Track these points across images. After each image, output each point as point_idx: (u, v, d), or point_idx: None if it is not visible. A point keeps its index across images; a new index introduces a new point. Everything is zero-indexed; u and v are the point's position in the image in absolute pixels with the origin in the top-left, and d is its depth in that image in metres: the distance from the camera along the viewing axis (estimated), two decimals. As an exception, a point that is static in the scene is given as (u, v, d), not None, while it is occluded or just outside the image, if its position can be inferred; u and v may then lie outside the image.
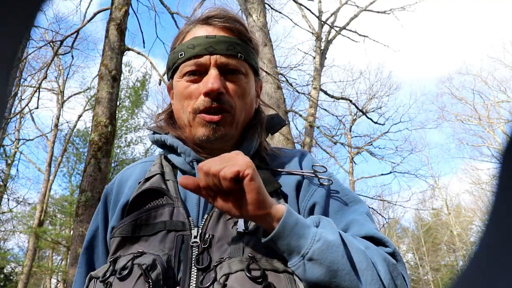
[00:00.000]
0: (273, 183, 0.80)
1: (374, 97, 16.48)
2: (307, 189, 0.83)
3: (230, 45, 0.84)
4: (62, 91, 16.27)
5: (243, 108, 0.86)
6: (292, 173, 0.85)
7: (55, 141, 15.84)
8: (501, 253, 0.13)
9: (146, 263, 0.69)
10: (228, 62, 0.83)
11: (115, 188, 0.91)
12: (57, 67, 16.20)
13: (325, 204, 0.81)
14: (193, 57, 0.84)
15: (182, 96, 0.85)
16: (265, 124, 0.92)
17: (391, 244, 0.76)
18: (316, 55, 11.87)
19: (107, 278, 0.70)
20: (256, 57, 0.92)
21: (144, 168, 0.93)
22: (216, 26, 0.86)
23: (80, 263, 0.90)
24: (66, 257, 16.69)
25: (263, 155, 0.88)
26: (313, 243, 0.65)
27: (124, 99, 16.39)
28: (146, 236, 0.76)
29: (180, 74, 0.86)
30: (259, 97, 0.97)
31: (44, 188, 15.19)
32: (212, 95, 0.81)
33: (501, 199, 0.14)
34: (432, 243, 26.13)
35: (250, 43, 0.89)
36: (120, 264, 0.71)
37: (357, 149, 15.24)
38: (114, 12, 5.12)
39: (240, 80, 0.85)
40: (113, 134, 4.76)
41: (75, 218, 4.36)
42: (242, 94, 0.85)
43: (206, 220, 0.77)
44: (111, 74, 4.81)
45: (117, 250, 0.76)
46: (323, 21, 11.49)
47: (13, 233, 17.21)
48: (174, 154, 0.88)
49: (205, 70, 0.83)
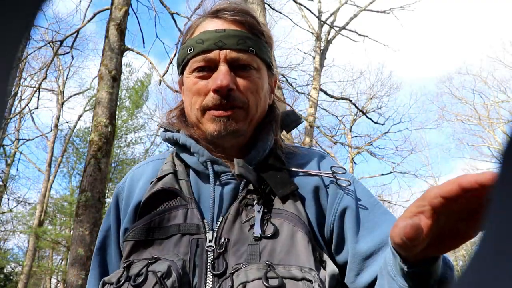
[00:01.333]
0: (289, 185, 0.76)
1: (374, 97, 16.48)
2: (335, 193, 0.80)
3: (240, 39, 0.80)
4: (62, 91, 16.27)
5: (257, 103, 0.82)
6: (311, 174, 0.82)
7: (55, 141, 15.84)
8: (501, 253, 0.13)
9: (161, 270, 0.67)
10: (238, 57, 0.79)
11: (127, 187, 0.89)
12: (57, 67, 16.20)
13: (355, 209, 0.78)
14: (202, 53, 0.80)
15: (191, 92, 0.82)
16: (280, 121, 0.88)
17: None
18: (316, 55, 11.87)
19: (121, 284, 0.69)
20: (269, 51, 0.88)
21: (156, 166, 0.89)
22: (226, 19, 0.82)
23: (93, 265, 0.88)
24: (66, 257, 16.67)
25: (279, 154, 0.84)
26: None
27: (124, 99, 16.39)
28: (160, 239, 0.74)
29: (190, 70, 0.83)
30: (274, 92, 0.92)
31: (44, 188, 15.19)
32: (222, 92, 0.77)
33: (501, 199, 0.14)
34: (432, 243, 26.10)
35: (263, 36, 0.85)
36: (135, 271, 0.69)
37: (357, 149, 15.24)
38: (114, 12, 5.12)
39: (252, 76, 0.81)
40: (113, 134, 4.76)
41: (75, 218, 4.36)
42: (255, 89, 0.81)
43: (221, 223, 0.74)
44: (111, 74, 4.81)
45: (131, 254, 0.74)
46: (323, 21, 11.50)
47: (13, 233, 17.21)
48: (187, 153, 0.84)
49: (214, 65, 0.80)
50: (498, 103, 19.07)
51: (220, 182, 0.81)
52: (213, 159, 0.81)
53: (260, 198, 0.76)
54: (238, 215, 0.75)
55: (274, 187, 0.76)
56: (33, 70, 13.23)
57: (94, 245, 4.20)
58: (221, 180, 0.81)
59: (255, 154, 0.82)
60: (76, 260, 4.11)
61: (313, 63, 11.96)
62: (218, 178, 0.81)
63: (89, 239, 4.20)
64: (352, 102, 11.98)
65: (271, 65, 0.88)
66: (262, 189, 0.77)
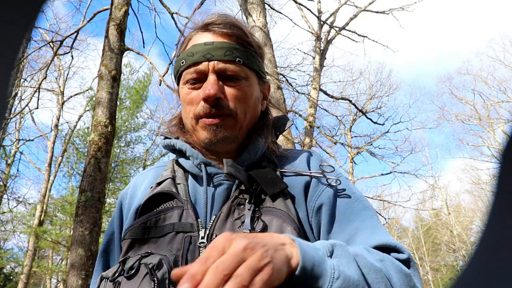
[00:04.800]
0: (279, 184, 0.80)
1: (374, 97, 16.48)
2: (315, 189, 0.83)
3: (227, 50, 0.85)
4: (62, 92, 16.27)
5: (246, 111, 0.87)
6: (301, 174, 0.86)
7: (55, 141, 15.84)
8: (500, 253, 0.13)
9: (153, 262, 0.70)
10: (225, 68, 0.85)
11: (129, 193, 0.94)
12: (57, 68, 16.20)
13: (332, 205, 0.81)
14: (192, 65, 0.86)
15: (185, 102, 0.88)
16: (271, 126, 0.93)
17: (405, 250, 0.74)
18: (315, 55, 11.86)
19: (116, 277, 0.72)
20: (259, 60, 0.93)
21: (156, 173, 0.96)
22: (215, 32, 0.88)
23: (97, 267, 0.93)
24: (66, 257, 16.68)
25: (271, 157, 0.89)
26: (333, 281, 0.59)
27: (124, 99, 16.39)
28: (155, 238, 0.77)
29: (183, 81, 0.89)
30: (267, 99, 0.98)
31: (44, 188, 15.20)
32: (210, 101, 0.83)
33: (500, 199, 0.14)
34: (432, 243, 26.13)
35: (251, 47, 0.90)
36: (129, 264, 0.73)
37: (357, 149, 15.24)
38: (114, 12, 5.12)
39: (240, 85, 0.86)
40: (113, 134, 4.76)
41: (75, 218, 4.36)
42: (243, 98, 0.86)
43: (213, 221, 0.78)
44: (111, 74, 4.82)
45: (128, 251, 0.78)
46: (323, 21, 11.49)
47: (13, 233, 17.21)
48: (184, 158, 0.90)
49: (204, 76, 0.86)
50: (498, 103, 19.07)
51: (213, 183, 0.85)
52: (206, 162, 0.86)
53: (251, 197, 0.79)
54: (230, 213, 0.78)
55: (265, 186, 0.79)
56: (33, 70, 13.23)
57: (94, 245, 4.22)
58: (214, 182, 0.85)
59: (247, 156, 0.87)
60: (76, 260, 4.11)
61: (313, 63, 11.96)
62: (212, 180, 0.85)
63: (89, 239, 4.20)
64: (352, 102, 11.98)
65: (261, 73, 0.93)
66: (253, 189, 0.81)
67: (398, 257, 0.72)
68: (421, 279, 0.73)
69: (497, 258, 0.13)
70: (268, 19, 6.57)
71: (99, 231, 4.42)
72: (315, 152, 0.95)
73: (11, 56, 0.15)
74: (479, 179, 20.56)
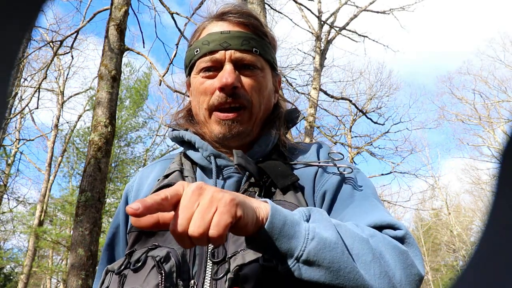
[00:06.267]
0: (290, 177, 0.78)
1: (374, 97, 16.47)
2: (320, 178, 0.82)
3: (244, 40, 0.84)
4: (62, 92, 16.26)
5: (261, 102, 0.85)
6: (310, 164, 0.84)
7: (55, 141, 15.83)
8: (501, 253, 0.13)
9: (160, 255, 0.69)
10: (243, 57, 0.83)
11: (136, 185, 0.93)
12: (57, 67, 16.19)
13: (334, 191, 0.80)
14: (208, 53, 0.84)
15: (198, 92, 0.86)
16: (283, 119, 0.91)
17: (402, 226, 0.70)
18: (316, 55, 11.86)
19: (122, 270, 0.71)
20: (273, 52, 0.91)
21: (163, 166, 0.94)
22: (231, 21, 0.86)
23: (102, 260, 0.92)
24: (66, 257, 16.68)
25: (282, 150, 0.87)
26: (307, 242, 0.58)
27: (124, 99, 16.38)
28: (162, 230, 0.76)
29: (197, 71, 0.87)
30: (278, 92, 0.96)
31: (44, 188, 15.19)
32: (227, 90, 0.80)
33: (500, 199, 0.14)
34: (432, 243, 26.11)
35: (266, 37, 0.88)
36: (135, 257, 0.72)
37: (357, 149, 15.23)
38: (114, 12, 5.12)
39: (256, 75, 0.84)
40: (113, 134, 4.75)
41: (75, 218, 4.36)
42: (259, 88, 0.84)
43: None
44: (111, 74, 4.81)
45: (134, 244, 0.77)
46: (323, 21, 11.49)
47: (13, 233, 17.20)
48: (193, 150, 0.87)
49: (220, 65, 0.83)
50: (498, 102, 19.06)
51: (223, 176, 0.83)
52: (216, 153, 0.83)
53: (261, 190, 0.78)
54: None
55: (275, 179, 0.77)
56: (33, 70, 13.23)
57: (94, 245, 4.22)
58: (224, 174, 0.83)
59: (258, 148, 0.85)
60: (76, 260, 4.11)
61: (313, 63, 11.96)
62: (221, 172, 0.83)
63: (89, 239, 4.20)
64: (352, 102, 11.99)
65: (274, 65, 0.92)
66: (264, 182, 0.79)
67: (395, 234, 0.69)
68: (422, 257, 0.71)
69: (497, 258, 0.13)
70: (268, 19, 6.56)
71: (99, 231, 4.42)
72: (324, 143, 0.94)
73: (11, 56, 0.15)
74: (479, 179, 20.56)
